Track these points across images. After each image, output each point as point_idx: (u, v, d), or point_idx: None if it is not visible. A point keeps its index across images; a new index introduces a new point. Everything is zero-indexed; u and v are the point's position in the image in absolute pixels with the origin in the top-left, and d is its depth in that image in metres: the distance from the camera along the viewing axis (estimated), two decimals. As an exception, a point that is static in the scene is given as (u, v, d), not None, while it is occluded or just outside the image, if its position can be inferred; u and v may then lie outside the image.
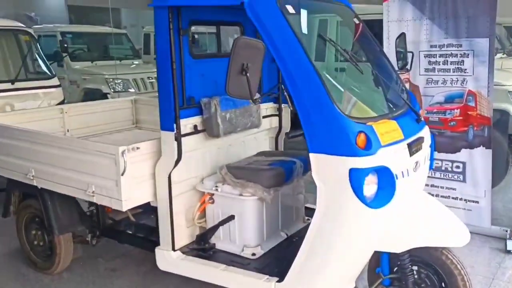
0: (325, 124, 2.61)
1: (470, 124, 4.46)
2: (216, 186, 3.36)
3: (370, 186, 2.64)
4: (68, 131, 4.84)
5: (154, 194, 3.35)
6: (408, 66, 3.86)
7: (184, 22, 3.28)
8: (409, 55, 3.86)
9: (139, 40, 12.27)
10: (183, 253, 3.36)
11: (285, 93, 2.74)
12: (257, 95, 2.70)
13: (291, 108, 2.72)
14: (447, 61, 4.43)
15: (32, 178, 3.78)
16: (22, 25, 6.34)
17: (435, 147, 3.42)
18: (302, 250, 2.80)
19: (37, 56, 6.32)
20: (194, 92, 3.44)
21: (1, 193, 4.34)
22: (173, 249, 3.33)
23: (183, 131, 3.29)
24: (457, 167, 4.60)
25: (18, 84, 5.73)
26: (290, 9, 2.79)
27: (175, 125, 3.18)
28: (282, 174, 3.32)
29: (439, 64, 4.47)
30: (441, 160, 4.66)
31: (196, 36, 9.27)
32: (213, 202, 3.42)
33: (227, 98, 3.19)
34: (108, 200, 3.32)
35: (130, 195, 3.25)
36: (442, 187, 4.72)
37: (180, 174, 3.33)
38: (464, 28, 4.29)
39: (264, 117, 3.98)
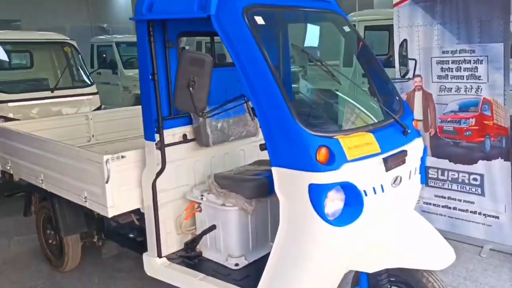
0: (285, 137, 2.41)
1: (487, 134, 4.01)
2: (202, 195, 3.25)
3: (334, 203, 2.40)
4: (93, 136, 4.95)
5: (142, 202, 3.30)
6: (410, 74, 3.52)
7: (172, 34, 3.20)
8: (412, 63, 3.53)
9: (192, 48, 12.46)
10: (170, 259, 3.28)
11: (246, 105, 2.57)
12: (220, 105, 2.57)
13: (253, 120, 2.55)
14: (460, 67, 4.01)
15: (41, 182, 3.88)
16: (66, 37, 6.60)
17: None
18: (268, 267, 2.61)
19: (78, 66, 6.54)
20: None
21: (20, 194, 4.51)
22: (159, 256, 3.25)
23: (170, 141, 3.21)
24: (475, 179, 4.16)
25: (57, 92, 5.95)
26: (259, 20, 2.61)
27: (157, 136, 3.10)
28: (265, 185, 3.12)
29: (452, 71, 4.06)
30: (458, 172, 4.24)
31: (186, 47, 9.25)
32: (200, 211, 3.31)
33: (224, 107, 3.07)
34: (97, 206, 3.32)
35: (116, 202, 3.22)
36: (459, 200, 4.30)
37: (168, 183, 3.25)
38: (476, 32, 3.87)
39: None
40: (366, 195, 2.46)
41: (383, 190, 2.56)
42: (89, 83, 6.41)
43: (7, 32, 6.93)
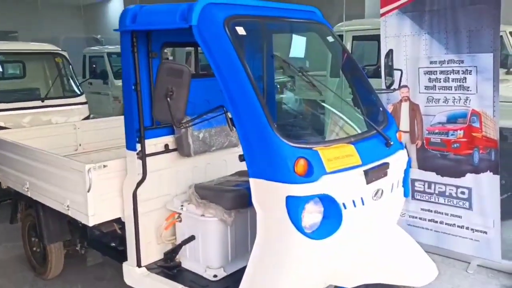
0: (264, 148, 2.35)
1: (475, 146, 3.93)
2: (182, 205, 3.19)
3: (312, 216, 2.34)
4: (80, 145, 4.90)
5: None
6: (395, 85, 3.46)
7: (156, 45, 3.17)
8: (397, 73, 3.47)
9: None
10: (149, 269, 3.21)
11: (225, 115, 2.51)
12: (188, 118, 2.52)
13: (232, 130, 2.49)
14: (448, 78, 3.94)
15: (27, 190, 3.84)
16: (58, 48, 6.58)
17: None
18: (244, 279, 2.53)
19: (68, 76, 6.52)
20: None
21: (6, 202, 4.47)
22: (139, 265, 3.19)
23: (152, 150, 3.17)
24: (462, 193, 4.08)
25: (47, 102, 5.91)
26: (240, 31, 2.57)
27: (138, 145, 3.05)
28: (245, 196, 3.03)
29: (440, 82, 4.00)
30: (445, 185, 4.16)
31: (170, 58, 9.24)
32: (181, 221, 3.24)
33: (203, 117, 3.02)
34: (79, 214, 3.27)
35: (97, 211, 3.17)
36: (446, 214, 4.21)
37: (149, 192, 3.19)
38: (465, 42, 3.79)
39: None
40: (345, 208, 2.39)
41: (363, 203, 2.49)
42: (79, 93, 6.38)
43: (1, 43, 6.91)
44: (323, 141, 2.55)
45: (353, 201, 2.43)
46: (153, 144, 3.18)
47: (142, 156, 3.07)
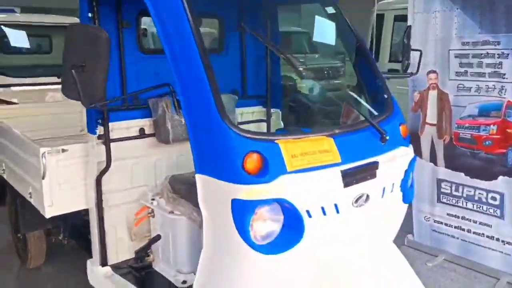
0: (209, 138, 1.91)
1: (510, 145, 3.24)
2: (153, 199, 2.80)
3: (265, 225, 1.87)
4: None
5: None
6: (413, 69, 2.84)
7: (130, 13, 2.76)
8: (416, 54, 2.85)
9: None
10: (116, 269, 2.86)
11: (172, 96, 2.07)
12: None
13: (178, 114, 2.05)
14: (482, 62, 3.26)
15: (3, 171, 3.58)
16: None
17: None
18: None
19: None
20: None
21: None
22: (103, 264, 2.85)
23: (123, 135, 2.79)
24: (493, 198, 3.41)
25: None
26: None
27: (101, 128, 2.66)
28: None
29: (472, 67, 3.31)
30: (474, 188, 3.50)
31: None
32: (154, 216, 2.86)
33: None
34: (38, 204, 2.93)
35: (56, 201, 2.82)
36: (475, 222, 3.56)
37: (120, 182, 2.83)
38: (502, 20, 3.10)
39: (250, 122, 3.29)
40: (310, 216, 1.90)
41: (337, 211, 1.98)
42: None
43: (26, 15, 6.73)
44: (291, 132, 2.05)
45: (322, 208, 1.94)
46: (124, 127, 2.79)
47: (105, 141, 2.69)
